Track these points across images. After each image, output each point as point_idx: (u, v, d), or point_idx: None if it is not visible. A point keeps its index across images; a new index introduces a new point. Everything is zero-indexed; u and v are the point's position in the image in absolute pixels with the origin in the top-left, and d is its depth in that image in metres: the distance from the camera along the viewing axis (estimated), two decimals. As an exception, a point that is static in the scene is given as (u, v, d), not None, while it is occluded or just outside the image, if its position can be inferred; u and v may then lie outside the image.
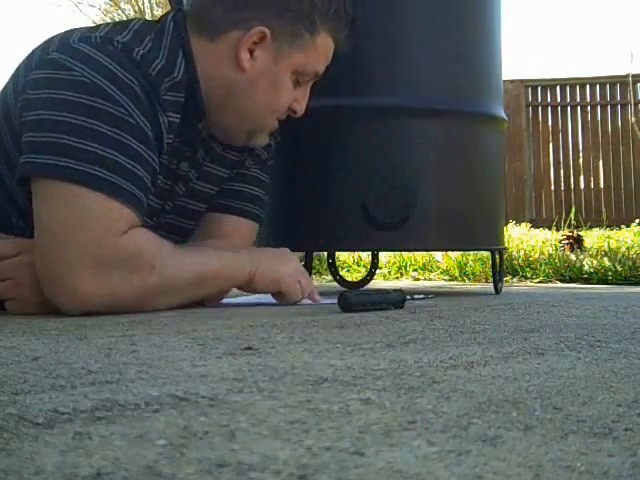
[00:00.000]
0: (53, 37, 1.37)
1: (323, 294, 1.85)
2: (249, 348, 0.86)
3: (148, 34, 1.35)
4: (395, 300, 1.41)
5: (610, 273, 2.73)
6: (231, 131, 1.49)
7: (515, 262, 3.00)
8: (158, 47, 1.35)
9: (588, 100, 7.27)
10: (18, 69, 1.38)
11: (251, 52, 1.40)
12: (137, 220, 1.28)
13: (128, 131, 1.27)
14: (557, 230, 4.34)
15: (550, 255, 3.07)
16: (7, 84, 1.40)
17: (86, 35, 1.32)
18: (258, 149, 1.57)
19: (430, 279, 3.04)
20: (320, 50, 1.46)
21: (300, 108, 1.49)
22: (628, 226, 4.67)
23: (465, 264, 3.05)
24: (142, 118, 1.29)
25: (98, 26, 1.39)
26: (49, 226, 1.25)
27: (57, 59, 1.29)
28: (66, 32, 1.36)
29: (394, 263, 3.23)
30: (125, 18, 10.45)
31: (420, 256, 3.21)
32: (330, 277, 2.55)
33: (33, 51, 1.38)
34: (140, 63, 1.30)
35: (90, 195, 1.24)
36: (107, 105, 1.25)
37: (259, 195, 1.58)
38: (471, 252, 3.02)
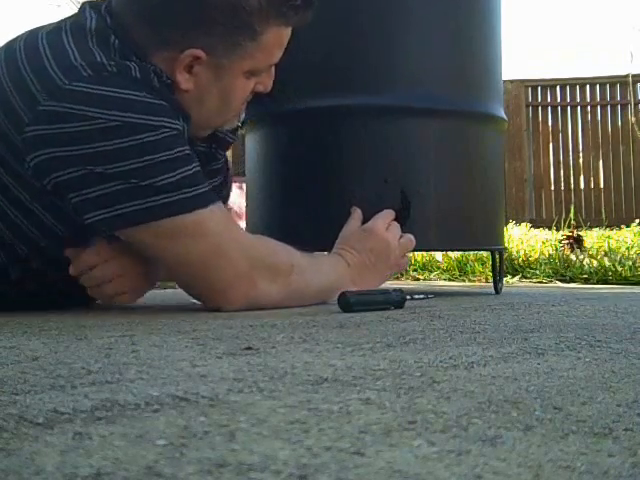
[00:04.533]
0: (22, 54, 1.27)
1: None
2: (249, 348, 0.86)
3: (108, 40, 1.28)
4: (395, 300, 1.41)
5: (610, 273, 2.73)
6: (194, 131, 1.41)
7: (515, 262, 3.00)
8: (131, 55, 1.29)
9: (588, 100, 7.26)
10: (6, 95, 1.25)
11: (190, 69, 1.33)
12: None
13: (179, 142, 1.26)
14: (557, 230, 4.33)
15: (550, 255, 3.07)
16: None
17: (69, 67, 1.23)
18: (228, 136, 1.51)
19: (430, 279, 3.04)
20: (270, 45, 1.37)
21: (265, 88, 1.44)
22: (628, 226, 4.67)
23: (465, 264, 3.05)
24: (177, 124, 1.27)
25: (60, 28, 1.30)
26: (188, 263, 1.29)
27: (64, 112, 1.20)
28: (36, 57, 1.26)
29: (394, 263, 3.22)
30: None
31: (420, 256, 3.21)
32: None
33: (21, 71, 1.25)
34: (141, 79, 1.26)
35: (200, 215, 1.26)
36: (151, 135, 1.22)
37: (226, 181, 1.56)
38: (471, 252, 3.02)
